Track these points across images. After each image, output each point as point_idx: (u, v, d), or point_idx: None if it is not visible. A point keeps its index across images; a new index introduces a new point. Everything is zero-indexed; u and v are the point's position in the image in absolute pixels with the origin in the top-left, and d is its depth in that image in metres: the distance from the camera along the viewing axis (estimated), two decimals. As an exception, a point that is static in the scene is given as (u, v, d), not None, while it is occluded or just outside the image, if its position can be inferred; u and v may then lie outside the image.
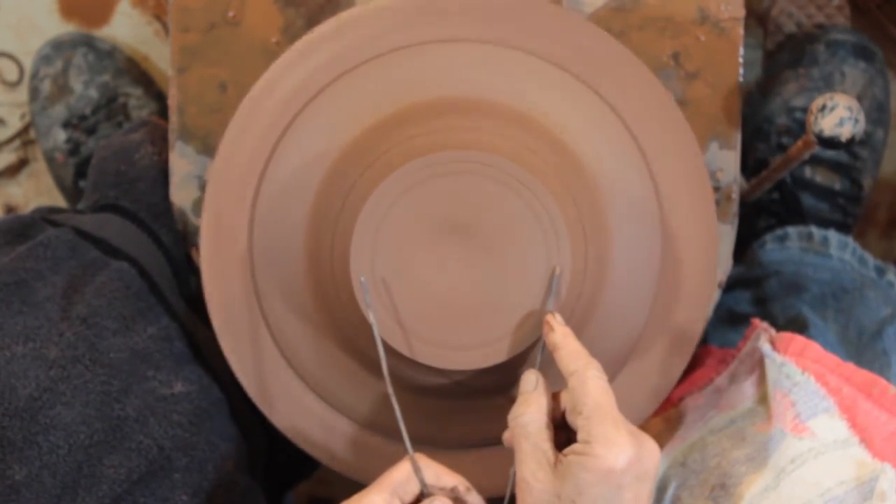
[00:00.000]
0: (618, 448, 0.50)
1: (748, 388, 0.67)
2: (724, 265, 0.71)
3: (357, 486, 0.78)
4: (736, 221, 0.72)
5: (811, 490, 0.58)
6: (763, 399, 0.65)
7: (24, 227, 0.68)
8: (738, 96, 0.70)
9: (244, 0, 0.70)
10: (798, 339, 0.65)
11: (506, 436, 0.56)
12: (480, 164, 0.57)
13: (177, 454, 0.62)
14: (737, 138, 0.71)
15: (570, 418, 0.54)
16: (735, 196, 0.71)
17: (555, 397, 0.55)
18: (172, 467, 0.62)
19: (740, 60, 0.70)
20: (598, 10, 0.70)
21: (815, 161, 0.89)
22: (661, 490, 0.66)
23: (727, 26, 0.70)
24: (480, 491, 0.57)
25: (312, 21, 0.70)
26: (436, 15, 0.63)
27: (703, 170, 0.64)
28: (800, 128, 0.88)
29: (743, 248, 0.84)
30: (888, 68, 0.94)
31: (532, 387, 0.55)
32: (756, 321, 0.70)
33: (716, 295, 0.72)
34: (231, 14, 0.70)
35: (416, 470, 0.54)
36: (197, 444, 0.63)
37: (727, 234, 0.71)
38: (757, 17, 0.96)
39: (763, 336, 0.67)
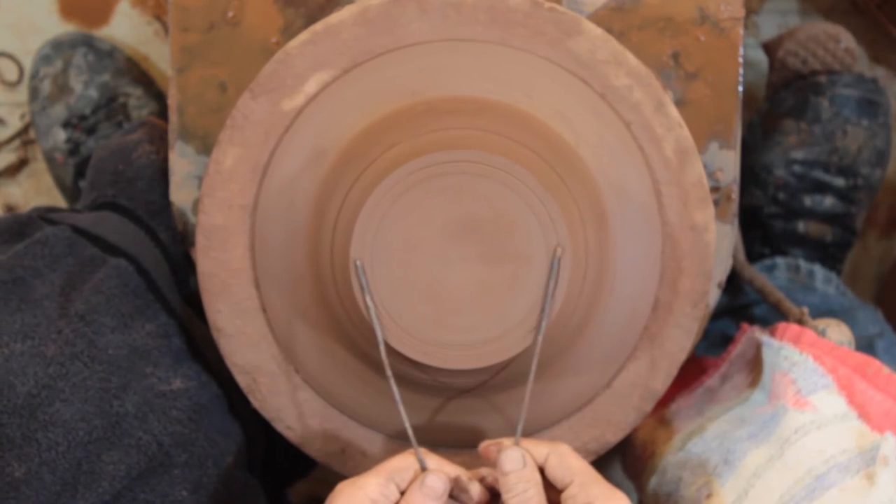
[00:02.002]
0: (619, 500, 0.53)
1: (741, 382, 0.69)
2: (723, 265, 0.72)
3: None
4: (736, 221, 0.72)
5: (815, 457, 0.60)
6: (760, 387, 0.67)
7: (21, 226, 0.68)
8: (738, 96, 0.70)
9: (244, 0, 0.70)
10: (793, 327, 0.67)
11: None
12: (481, 163, 0.57)
13: (176, 450, 0.62)
14: (737, 138, 0.71)
15: (560, 487, 0.54)
16: (735, 196, 0.71)
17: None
18: (172, 463, 0.62)
19: (740, 60, 0.70)
20: (598, 10, 0.70)
21: (808, 214, 0.89)
22: (660, 474, 0.67)
23: (727, 26, 0.70)
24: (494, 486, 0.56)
25: (312, 21, 0.70)
26: (437, 15, 0.63)
27: (702, 170, 0.64)
28: (797, 182, 0.89)
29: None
30: (889, 69, 0.95)
31: (521, 464, 0.54)
32: (745, 325, 0.71)
33: (715, 295, 0.72)
34: (231, 14, 0.70)
35: (419, 455, 0.54)
36: (196, 440, 0.63)
37: (727, 234, 0.71)
38: (762, 46, 0.95)
39: (759, 329, 0.69)
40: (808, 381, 0.63)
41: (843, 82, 0.89)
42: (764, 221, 0.91)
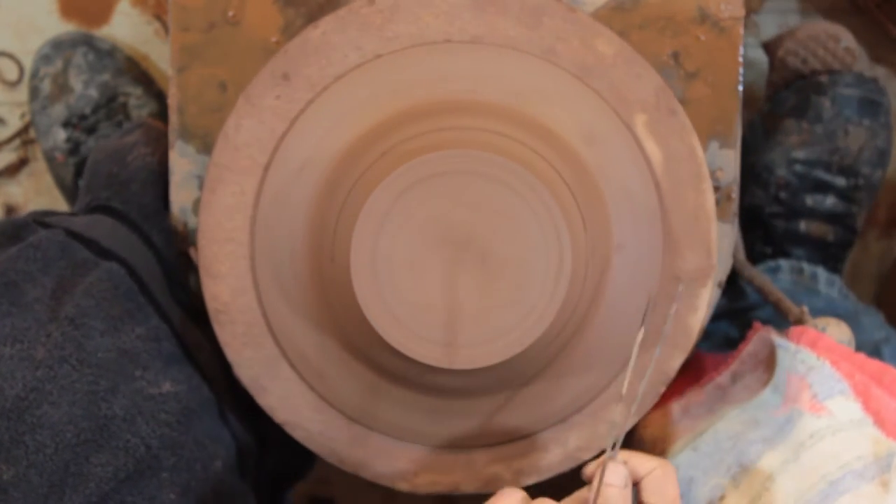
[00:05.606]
0: None
1: (754, 383, 0.68)
2: (724, 265, 0.71)
3: (357, 484, 0.78)
4: (736, 221, 0.72)
5: (830, 462, 0.59)
6: (774, 389, 0.66)
7: (16, 230, 0.67)
8: (739, 96, 0.70)
9: (244, 0, 0.70)
10: (810, 331, 0.66)
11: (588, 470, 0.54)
12: (481, 163, 0.57)
13: (164, 453, 0.62)
14: (737, 137, 0.71)
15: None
16: (735, 195, 0.71)
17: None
18: (160, 466, 0.62)
19: (740, 60, 0.70)
20: (599, 9, 0.70)
21: (810, 214, 0.89)
22: None
23: (727, 26, 0.70)
24: (489, 487, 0.55)
25: (312, 21, 0.70)
26: (437, 16, 0.63)
27: (704, 169, 0.64)
28: (799, 182, 0.89)
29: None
30: (889, 69, 0.95)
31: (622, 482, 0.51)
32: (758, 324, 0.70)
33: (716, 295, 0.72)
34: (231, 14, 0.70)
35: None
36: (185, 443, 0.63)
37: (727, 234, 0.71)
38: (762, 46, 0.95)
39: (772, 331, 0.68)
40: (825, 385, 0.63)
41: (845, 82, 0.89)
42: (765, 221, 0.91)
